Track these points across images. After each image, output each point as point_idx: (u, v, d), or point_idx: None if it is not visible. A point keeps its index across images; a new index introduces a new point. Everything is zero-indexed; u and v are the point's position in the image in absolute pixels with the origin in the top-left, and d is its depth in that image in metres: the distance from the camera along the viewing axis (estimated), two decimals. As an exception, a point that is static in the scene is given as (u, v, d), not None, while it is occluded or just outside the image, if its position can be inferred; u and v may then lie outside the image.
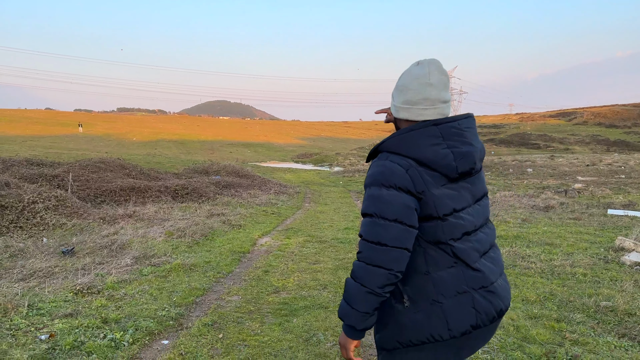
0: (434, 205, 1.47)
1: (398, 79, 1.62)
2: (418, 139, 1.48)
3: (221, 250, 6.35)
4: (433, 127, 1.50)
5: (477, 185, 1.60)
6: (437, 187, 1.48)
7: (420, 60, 1.58)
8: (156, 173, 14.66)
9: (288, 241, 7.04)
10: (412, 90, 1.54)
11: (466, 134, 1.54)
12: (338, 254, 6.26)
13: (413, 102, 1.55)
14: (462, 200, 1.53)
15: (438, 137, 1.49)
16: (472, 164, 1.52)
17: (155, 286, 4.70)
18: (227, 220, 8.36)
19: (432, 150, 1.47)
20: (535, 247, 6.73)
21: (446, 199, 1.49)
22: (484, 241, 1.57)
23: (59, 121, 69.49)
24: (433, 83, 1.53)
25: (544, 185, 16.88)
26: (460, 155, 1.49)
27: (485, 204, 1.64)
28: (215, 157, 38.75)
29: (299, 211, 11.01)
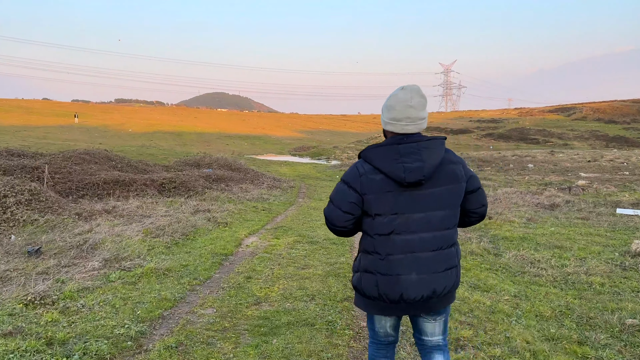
0: (370, 206, 1.95)
1: (387, 99, 2.06)
2: (382, 154, 1.96)
3: (202, 252, 5.80)
4: (395, 146, 1.96)
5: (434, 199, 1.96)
6: (382, 193, 1.93)
7: (404, 86, 2.04)
8: (144, 165, 14.08)
9: (276, 242, 6.49)
10: (397, 110, 1.99)
11: (422, 152, 1.94)
12: (329, 257, 5.72)
13: (398, 119, 2.00)
14: (401, 207, 1.94)
15: (397, 154, 1.93)
16: (419, 177, 1.91)
17: (121, 295, 4.15)
18: (212, 217, 7.80)
19: (389, 164, 1.93)
20: (544, 250, 6.20)
21: (383, 203, 1.94)
22: (414, 243, 1.95)
23: (55, 111, 68.61)
24: (413, 105, 1.99)
25: (546, 181, 16.36)
26: (409, 170, 1.90)
27: (438, 216, 1.97)
28: (211, 150, 38.12)
29: (291, 207, 10.46)
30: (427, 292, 1.96)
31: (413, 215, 1.94)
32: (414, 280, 1.94)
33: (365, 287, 2.02)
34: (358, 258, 2.10)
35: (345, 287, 4.52)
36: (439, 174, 1.97)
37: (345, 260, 5.50)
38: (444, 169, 1.98)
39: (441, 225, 1.98)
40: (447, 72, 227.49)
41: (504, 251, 6.22)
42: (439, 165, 1.96)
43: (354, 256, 5.83)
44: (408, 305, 1.98)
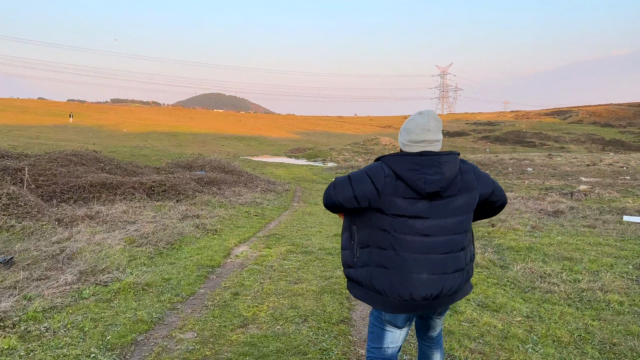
0: (389, 206, 2.05)
1: (405, 122, 2.24)
2: (405, 164, 2.08)
3: (187, 263, 5.38)
4: (418, 157, 2.09)
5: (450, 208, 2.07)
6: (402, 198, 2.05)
7: (422, 111, 2.20)
8: (134, 167, 13.63)
9: (268, 252, 6.07)
10: (415, 133, 2.15)
11: (442, 166, 2.06)
12: (324, 269, 5.30)
13: (416, 142, 2.15)
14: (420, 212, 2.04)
15: (419, 165, 2.06)
16: (438, 188, 2.04)
17: (92, 316, 3.73)
18: (201, 224, 7.38)
19: (411, 173, 2.05)
20: (553, 262, 5.81)
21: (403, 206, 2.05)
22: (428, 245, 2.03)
23: (49, 111, 67.92)
24: (431, 129, 2.15)
25: (547, 186, 16.02)
26: (429, 181, 2.03)
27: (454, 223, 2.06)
28: (207, 151, 37.65)
29: (285, 212, 10.05)
30: (434, 291, 2.04)
31: (430, 220, 2.05)
32: (424, 279, 2.03)
33: (376, 281, 2.08)
34: (367, 252, 2.12)
35: (341, 307, 4.11)
36: (454, 184, 2.10)
37: (342, 275, 5.08)
38: (458, 179, 2.12)
39: (454, 230, 2.08)
40: (443, 74, 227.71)
41: (510, 263, 5.83)
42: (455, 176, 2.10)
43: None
44: (415, 304, 2.05)
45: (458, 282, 2.09)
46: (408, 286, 2.01)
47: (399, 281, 2.02)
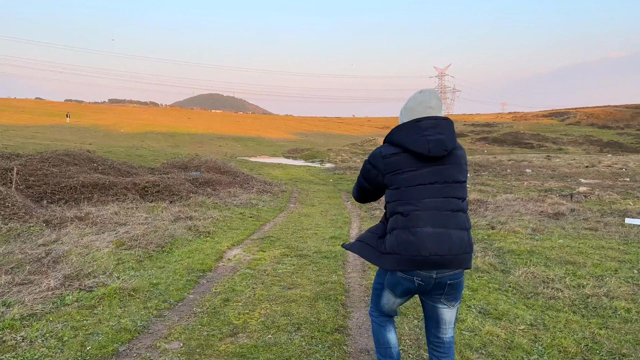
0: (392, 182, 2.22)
1: (406, 102, 2.32)
2: (406, 131, 2.20)
3: (177, 267, 5.18)
4: (416, 122, 2.21)
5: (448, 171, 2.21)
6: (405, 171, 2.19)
7: (422, 90, 2.29)
8: (128, 167, 13.41)
9: (261, 255, 5.87)
10: (417, 111, 2.24)
11: (442, 127, 2.19)
12: (320, 274, 5.11)
13: None
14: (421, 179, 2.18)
15: (419, 129, 2.17)
16: (442, 149, 2.15)
17: (73, 324, 3.53)
18: (194, 225, 7.17)
19: (412, 138, 2.16)
20: (555, 266, 5.63)
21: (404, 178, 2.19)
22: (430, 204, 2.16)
23: (46, 111, 67.64)
24: (432, 106, 2.24)
25: (546, 187, 15.86)
26: (433, 142, 2.14)
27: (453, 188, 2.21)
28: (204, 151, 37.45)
29: (281, 214, 9.85)
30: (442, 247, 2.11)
31: (433, 185, 2.17)
32: (428, 232, 2.11)
33: (388, 243, 2.20)
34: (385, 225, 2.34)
35: (336, 314, 3.92)
36: (453, 154, 2.22)
37: (337, 279, 4.89)
38: (456, 150, 2.24)
39: (455, 193, 2.21)
40: (441, 75, 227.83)
41: (512, 267, 5.65)
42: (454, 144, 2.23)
43: (346, 273, 5.24)
44: (423, 260, 2.12)
45: (465, 242, 2.18)
46: (414, 240, 2.12)
47: (406, 236, 2.13)
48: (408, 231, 2.14)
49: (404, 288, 2.23)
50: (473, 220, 8.68)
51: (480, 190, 14.66)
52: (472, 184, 16.83)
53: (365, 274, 5.20)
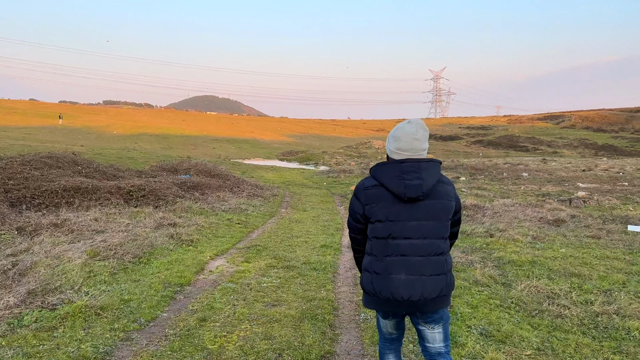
0: (371, 214, 2.24)
1: (393, 130, 2.34)
2: (386, 171, 2.24)
3: (153, 280, 4.78)
4: (398, 164, 2.23)
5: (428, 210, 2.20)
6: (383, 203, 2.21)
7: (410, 120, 2.31)
8: (115, 171, 12.97)
9: (246, 266, 5.49)
10: (404, 142, 2.27)
11: (422, 172, 2.20)
12: (308, 289, 4.73)
13: (403, 150, 2.26)
14: (400, 216, 2.19)
15: (400, 172, 2.20)
16: (419, 192, 2.17)
17: (26, 350, 3.13)
18: (176, 233, 6.78)
19: (392, 180, 2.20)
20: (559, 279, 5.28)
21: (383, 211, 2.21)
22: (406, 247, 2.18)
23: (39, 112, 66.93)
24: (418, 138, 2.27)
25: (544, 192, 15.57)
26: (409, 186, 2.17)
27: (430, 226, 2.20)
28: (197, 153, 37.01)
29: (271, 219, 9.46)
30: (415, 293, 2.15)
31: (408, 223, 2.18)
32: (402, 280, 2.15)
33: (364, 284, 2.27)
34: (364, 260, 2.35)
35: (323, 337, 3.54)
36: (435, 191, 2.22)
37: (326, 295, 4.51)
38: (438, 187, 2.24)
39: (432, 234, 2.20)
40: (436, 78, 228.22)
41: (513, 280, 5.30)
42: (435, 183, 2.22)
43: (336, 287, 4.87)
44: (399, 304, 2.18)
45: (441, 286, 2.19)
46: (388, 286, 2.16)
47: (380, 282, 2.19)
48: (383, 277, 2.19)
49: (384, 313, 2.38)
50: (470, 227, 8.34)
51: (477, 195, 14.34)
52: (468, 188, 16.52)
53: (357, 289, 4.83)
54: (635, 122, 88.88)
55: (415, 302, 2.16)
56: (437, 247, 2.20)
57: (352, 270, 5.49)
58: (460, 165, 26.03)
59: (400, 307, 2.19)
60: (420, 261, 2.17)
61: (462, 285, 4.94)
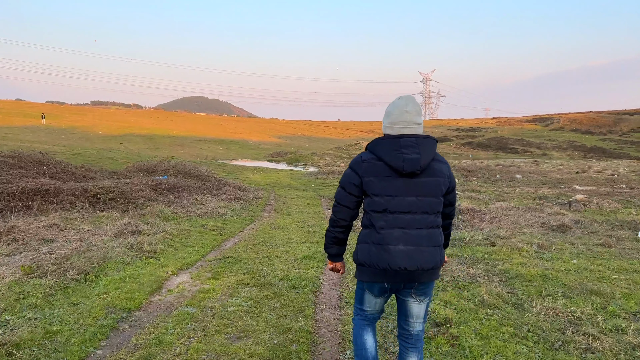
0: (369, 187, 2.29)
1: (387, 106, 2.41)
2: (384, 145, 2.28)
3: (95, 304, 3.94)
4: (397, 139, 2.27)
5: (424, 187, 2.27)
6: (382, 177, 2.25)
7: (401, 96, 2.39)
8: (85, 171, 12.04)
9: (212, 284, 4.65)
10: (394, 115, 2.34)
11: (420, 146, 2.24)
12: (283, 314, 3.91)
13: (395, 123, 2.32)
14: (397, 190, 2.25)
15: (398, 146, 2.24)
16: (416, 167, 2.22)
17: None
18: (138, 243, 5.91)
19: (391, 153, 2.24)
20: (578, 299, 4.53)
21: (381, 185, 2.25)
22: (404, 220, 2.25)
23: (23, 112, 65.34)
24: (409, 110, 2.32)
25: (540, 195, 14.91)
26: (408, 160, 2.21)
27: (427, 202, 2.27)
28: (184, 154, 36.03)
29: (251, 225, 8.63)
30: (412, 263, 2.22)
31: (406, 197, 2.25)
32: (401, 250, 2.22)
33: (360, 255, 2.32)
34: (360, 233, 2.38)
35: (296, 388, 2.73)
36: (430, 168, 2.29)
37: (304, 324, 3.69)
38: (433, 164, 2.31)
39: (428, 208, 2.28)
40: (426, 80, 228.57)
41: (524, 299, 4.54)
42: (431, 160, 2.28)
43: (318, 312, 4.05)
44: (396, 273, 2.24)
45: (436, 259, 2.28)
46: (385, 256, 2.23)
47: (377, 251, 2.25)
48: (381, 247, 2.24)
49: (379, 288, 2.36)
50: (469, 234, 7.59)
51: (471, 198, 13.63)
52: (461, 190, 15.82)
53: (342, 312, 4.03)
54: (622, 124, 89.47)
55: (412, 272, 2.23)
56: (432, 220, 2.29)
57: (337, 288, 4.68)
58: (452, 167, 25.38)
59: (397, 277, 2.26)
60: (418, 233, 2.24)
61: (467, 308, 4.17)
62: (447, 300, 4.34)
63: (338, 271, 2.63)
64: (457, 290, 4.73)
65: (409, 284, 2.30)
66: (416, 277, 2.25)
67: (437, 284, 4.89)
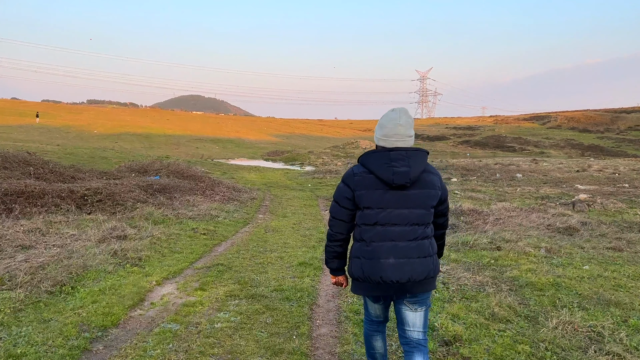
0: (360, 200, 2.31)
1: (380, 118, 2.42)
2: (375, 158, 2.31)
3: (68, 320, 3.56)
4: (387, 152, 2.30)
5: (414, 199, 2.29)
6: (372, 190, 2.28)
7: (394, 108, 2.39)
8: (74, 172, 11.64)
9: (199, 296, 4.28)
10: (388, 128, 2.34)
11: (410, 159, 2.27)
12: (276, 331, 3.54)
13: (388, 136, 2.33)
14: (387, 202, 2.27)
15: (388, 159, 2.27)
16: (406, 179, 2.24)
17: None
18: (122, 249, 5.53)
19: (381, 167, 2.27)
20: (596, 310, 4.19)
21: (371, 198, 2.28)
22: (394, 233, 2.27)
23: (18, 110, 64.75)
24: (402, 124, 2.33)
25: (542, 194, 14.59)
26: (397, 173, 2.24)
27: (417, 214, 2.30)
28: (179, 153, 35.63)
29: (245, 228, 8.26)
30: (403, 275, 2.24)
31: (395, 210, 2.28)
32: (391, 263, 2.25)
33: (354, 270, 2.35)
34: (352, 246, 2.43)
35: None
36: (420, 180, 2.31)
37: (299, 345, 3.32)
38: (424, 176, 2.33)
39: (417, 220, 2.31)
40: (423, 79, 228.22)
41: (538, 311, 4.19)
42: (421, 172, 2.30)
43: (314, 328, 3.69)
44: (388, 286, 2.27)
45: (428, 269, 2.30)
46: (378, 270, 2.25)
47: (369, 266, 2.27)
48: (372, 261, 2.27)
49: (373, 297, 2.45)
50: (472, 237, 7.24)
51: (472, 198, 13.31)
52: (461, 190, 15.49)
53: (341, 329, 3.66)
54: (620, 122, 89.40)
55: (404, 285, 2.26)
56: (422, 232, 2.32)
57: (335, 300, 4.32)
58: (451, 166, 25.05)
59: (389, 289, 2.29)
60: (407, 245, 2.27)
61: (477, 322, 3.81)
62: (454, 314, 3.98)
63: (341, 285, 2.61)
64: (464, 301, 4.38)
65: (402, 296, 2.33)
66: (408, 288, 2.28)
67: (443, 295, 4.53)
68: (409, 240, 2.27)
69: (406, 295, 2.33)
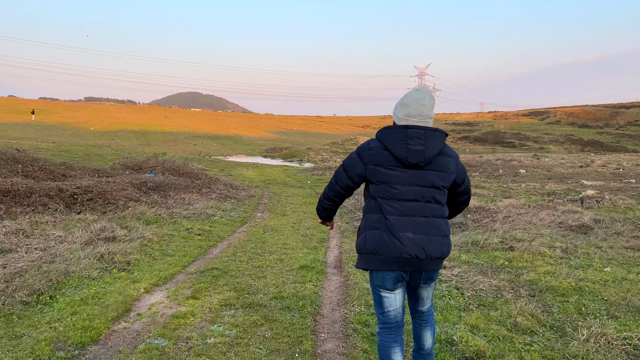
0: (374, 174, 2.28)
1: (401, 97, 2.38)
2: (392, 135, 2.27)
3: (41, 337, 3.16)
4: (404, 129, 2.26)
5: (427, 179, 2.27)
6: (387, 166, 2.26)
7: (418, 88, 2.34)
8: (66, 169, 11.21)
9: (191, 305, 3.88)
10: (411, 107, 2.30)
11: (427, 139, 2.23)
12: (276, 348, 3.14)
13: (411, 116, 2.30)
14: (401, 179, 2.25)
15: (404, 137, 2.23)
16: (420, 159, 2.22)
17: None
18: (109, 252, 5.12)
19: (396, 143, 2.24)
20: (627, 319, 3.81)
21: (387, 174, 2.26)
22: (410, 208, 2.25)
23: (14, 108, 64.27)
24: (426, 104, 2.30)
25: (548, 190, 14.24)
26: (412, 151, 2.21)
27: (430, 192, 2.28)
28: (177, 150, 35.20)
29: (242, 227, 7.86)
30: (421, 251, 2.22)
31: (412, 187, 2.25)
32: (410, 237, 2.22)
33: (369, 242, 2.28)
34: (364, 219, 2.37)
35: None
36: (436, 161, 2.28)
37: (302, 364, 2.94)
38: (440, 158, 2.30)
39: (433, 199, 2.29)
40: (421, 75, 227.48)
41: (563, 320, 3.81)
42: (437, 154, 2.28)
43: (319, 343, 3.30)
44: (405, 261, 2.22)
45: (444, 248, 2.29)
46: (397, 243, 2.21)
47: (389, 238, 2.22)
48: (391, 234, 2.22)
49: (392, 279, 2.29)
50: (482, 237, 6.86)
51: (477, 194, 12.92)
52: (465, 186, 15.11)
53: (349, 343, 3.27)
54: (619, 117, 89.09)
55: (422, 261, 2.23)
56: (437, 211, 2.30)
57: (340, 309, 3.93)
58: (452, 162, 24.69)
59: (405, 265, 2.24)
60: (425, 222, 2.26)
61: (500, 334, 3.43)
62: (473, 324, 3.60)
63: (327, 227, 2.74)
64: (482, 309, 3.99)
65: (416, 273, 2.31)
66: (424, 265, 2.27)
67: (459, 302, 4.14)
68: (426, 216, 2.27)
69: (420, 274, 2.31)
